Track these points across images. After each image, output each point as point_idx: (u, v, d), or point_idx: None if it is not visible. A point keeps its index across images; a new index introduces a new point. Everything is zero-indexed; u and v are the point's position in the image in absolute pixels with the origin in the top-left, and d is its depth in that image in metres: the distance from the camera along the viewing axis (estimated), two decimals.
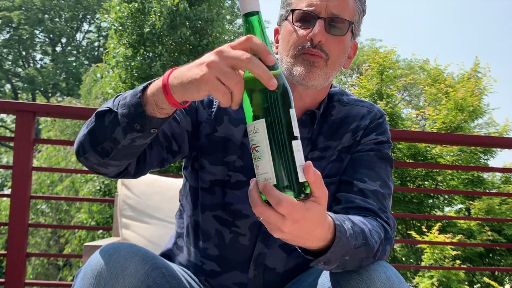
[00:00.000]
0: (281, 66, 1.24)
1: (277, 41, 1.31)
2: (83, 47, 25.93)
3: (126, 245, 1.05)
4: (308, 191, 0.82)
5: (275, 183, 0.80)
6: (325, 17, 1.19)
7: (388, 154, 1.28)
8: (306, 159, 1.22)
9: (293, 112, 0.82)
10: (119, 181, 2.14)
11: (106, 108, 1.02)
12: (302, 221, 0.81)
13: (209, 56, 0.83)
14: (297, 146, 0.82)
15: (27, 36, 23.77)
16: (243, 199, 1.22)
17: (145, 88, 0.97)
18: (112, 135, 1.00)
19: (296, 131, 0.82)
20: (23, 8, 23.21)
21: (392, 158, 1.30)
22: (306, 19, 1.21)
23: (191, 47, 12.22)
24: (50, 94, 23.32)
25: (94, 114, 1.06)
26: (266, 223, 0.83)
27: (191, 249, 1.31)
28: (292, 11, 1.23)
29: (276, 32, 1.32)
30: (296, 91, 1.25)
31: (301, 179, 0.81)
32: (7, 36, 24.02)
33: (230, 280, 1.25)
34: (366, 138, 1.28)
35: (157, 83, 0.95)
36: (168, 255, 1.37)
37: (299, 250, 1.00)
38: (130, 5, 11.89)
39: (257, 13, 0.85)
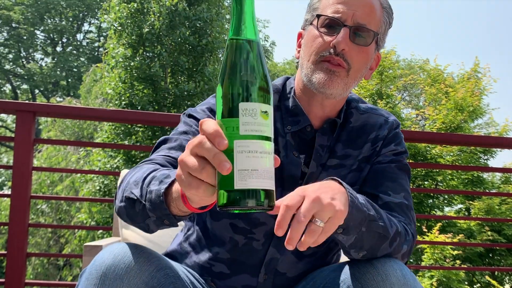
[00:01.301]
0: (301, 71, 1.23)
1: (299, 45, 1.29)
2: (84, 47, 25.94)
3: (131, 245, 1.05)
4: (256, 202, 0.75)
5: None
6: (350, 25, 1.17)
7: (407, 164, 1.29)
8: (324, 166, 1.25)
9: (247, 106, 0.77)
10: (119, 181, 2.14)
11: (135, 197, 1.01)
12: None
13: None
14: (241, 147, 0.75)
15: (27, 35, 23.78)
16: None
17: (169, 185, 0.94)
18: (145, 221, 1.02)
19: (245, 129, 0.76)
20: (23, 7, 23.20)
21: (410, 168, 1.30)
22: (331, 25, 1.19)
23: (190, 47, 12.21)
24: (50, 95, 23.31)
25: (124, 195, 1.05)
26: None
27: (200, 251, 1.30)
28: (318, 16, 1.21)
29: (300, 36, 1.30)
30: (315, 99, 1.24)
31: (238, 185, 0.75)
32: (7, 35, 24.01)
33: (238, 283, 1.25)
34: (385, 149, 1.28)
35: (177, 188, 0.91)
36: (173, 255, 1.36)
37: None
38: (129, 6, 11.89)
39: None
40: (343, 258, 1.36)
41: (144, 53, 12.34)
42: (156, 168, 1.03)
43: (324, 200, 0.87)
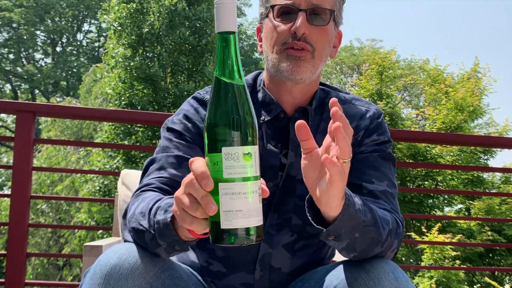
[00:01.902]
0: (268, 64, 1.25)
1: (260, 40, 1.30)
2: (84, 47, 25.94)
3: (136, 246, 1.05)
4: (241, 239, 0.80)
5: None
6: (305, 8, 1.18)
7: (391, 153, 1.29)
8: None
9: (229, 151, 0.80)
10: (119, 181, 2.14)
11: (143, 229, 1.02)
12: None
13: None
14: (225, 190, 0.79)
15: (27, 36, 23.77)
16: None
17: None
18: (155, 250, 1.02)
19: (228, 172, 0.79)
20: (24, 8, 23.19)
21: (394, 157, 1.30)
22: (287, 12, 1.20)
23: (190, 47, 12.21)
24: (50, 95, 23.31)
25: (131, 227, 1.07)
26: None
27: (197, 250, 1.31)
28: (272, 7, 1.22)
29: (258, 31, 1.31)
30: (285, 88, 1.25)
31: (224, 225, 0.80)
32: (7, 36, 24.01)
33: (236, 281, 1.25)
34: (368, 139, 1.27)
35: None
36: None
37: (311, 220, 1.01)
38: (129, 6, 11.88)
39: (233, 33, 0.84)
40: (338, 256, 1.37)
41: (144, 53, 12.34)
42: (160, 198, 1.05)
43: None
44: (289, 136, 1.25)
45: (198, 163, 0.81)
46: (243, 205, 0.80)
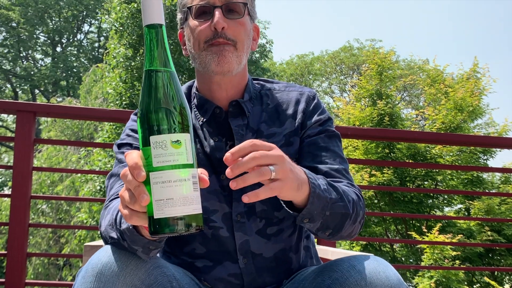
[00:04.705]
0: (196, 64, 1.31)
1: (184, 44, 1.37)
2: (84, 47, 25.92)
3: None
4: (174, 228, 0.80)
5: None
6: (220, 5, 1.25)
7: (334, 130, 1.35)
8: None
9: (156, 139, 0.81)
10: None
11: (116, 240, 1.04)
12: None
13: None
14: (155, 179, 0.80)
15: (26, 35, 23.76)
16: (205, 195, 1.23)
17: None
18: (136, 253, 1.04)
19: (157, 161, 0.80)
20: (23, 8, 23.17)
21: (338, 133, 1.36)
22: (204, 11, 1.27)
23: None
24: (50, 95, 23.30)
25: (107, 241, 1.09)
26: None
27: (178, 252, 1.32)
28: (189, 8, 1.29)
29: (181, 36, 1.38)
30: (215, 83, 1.31)
31: (156, 215, 0.80)
32: (7, 35, 24.00)
33: (224, 273, 1.26)
34: (310, 121, 1.34)
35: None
36: None
37: (285, 207, 1.06)
38: (130, 6, 11.89)
39: (160, 26, 0.85)
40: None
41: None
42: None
43: (286, 164, 0.93)
44: (231, 129, 1.30)
45: (132, 155, 0.83)
46: (174, 193, 0.79)
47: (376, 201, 10.08)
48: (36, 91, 24.88)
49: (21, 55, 24.82)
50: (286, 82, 1.46)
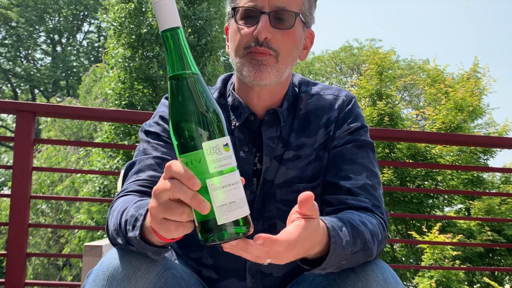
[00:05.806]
0: (233, 66, 1.21)
1: (228, 40, 1.25)
2: (84, 47, 25.92)
3: None
4: (239, 230, 0.79)
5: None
6: (268, 11, 1.13)
7: (365, 140, 1.22)
8: (281, 160, 1.21)
9: (211, 145, 0.79)
10: (119, 181, 2.14)
11: (123, 245, 1.02)
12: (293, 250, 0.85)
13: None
14: (215, 184, 0.78)
15: (25, 34, 23.75)
16: None
17: (141, 229, 0.94)
18: (146, 254, 1.01)
19: (214, 166, 0.78)
20: (22, 8, 23.17)
21: (371, 142, 1.23)
22: (250, 15, 1.15)
23: (190, 46, 12.19)
24: (50, 95, 23.30)
25: (115, 246, 1.06)
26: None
27: (185, 259, 1.30)
28: (234, 9, 1.17)
29: (227, 30, 1.26)
30: (253, 91, 1.22)
31: (221, 221, 0.78)
32: (6, 35, 23.99)
33: (229, 287, 1.24)
34: (339, 131, 1.23)
35: (149, 227, 0.91)
36: None
37: (299, 263, 0.99)
38: (127, 5, 11.87)
39: (177, 28, 0.83)
40: None
41: (144, 53, 12.33)
42: (125, 208, 1.02)
43: (285, 259, 0.87)
44: (262, 140, 1.22)
45: (178, 165, 0.79)
46: (234, 196, 0.79)
47: None
48: (36, 91, 24.88)
49: (21, 55, 24.82)
50: (324, 84, 1.32)
